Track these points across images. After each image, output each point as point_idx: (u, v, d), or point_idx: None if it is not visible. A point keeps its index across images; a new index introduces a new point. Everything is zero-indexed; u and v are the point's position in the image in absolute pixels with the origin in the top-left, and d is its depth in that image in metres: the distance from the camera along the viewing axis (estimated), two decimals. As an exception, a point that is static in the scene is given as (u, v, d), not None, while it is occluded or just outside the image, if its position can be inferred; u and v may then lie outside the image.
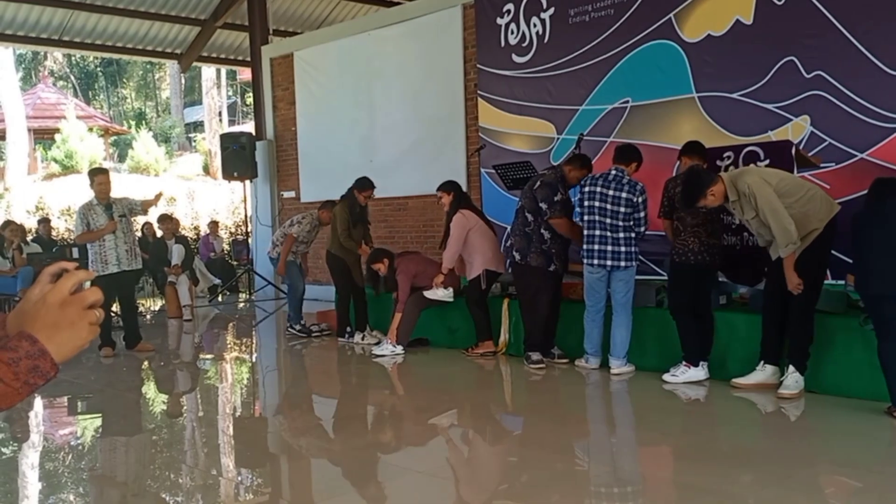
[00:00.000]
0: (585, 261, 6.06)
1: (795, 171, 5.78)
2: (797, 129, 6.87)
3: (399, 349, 7.15)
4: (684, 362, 5.63)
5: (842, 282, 5.28)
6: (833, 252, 6.21)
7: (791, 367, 5.07)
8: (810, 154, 6.27)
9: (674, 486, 3.80)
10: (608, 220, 5.95)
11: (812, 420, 4.73)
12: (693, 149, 5.92)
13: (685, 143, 6.07)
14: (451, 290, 7.10)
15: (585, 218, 6.05)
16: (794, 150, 5.77)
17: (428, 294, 7.10)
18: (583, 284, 6.21)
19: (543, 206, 6.32)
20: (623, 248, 5.93)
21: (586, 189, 6.07)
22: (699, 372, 5.60)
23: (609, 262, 5.94)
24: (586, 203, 6.04)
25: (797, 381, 5.05)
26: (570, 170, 6.46)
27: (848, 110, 6.62)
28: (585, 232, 6.05)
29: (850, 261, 5.09)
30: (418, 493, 3.80)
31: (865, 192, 6.32)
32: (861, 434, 4.37)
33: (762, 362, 5.28)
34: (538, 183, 6.45)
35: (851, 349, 5.05)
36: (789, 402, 5.01)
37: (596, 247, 5.97)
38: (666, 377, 5.64)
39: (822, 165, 6.42)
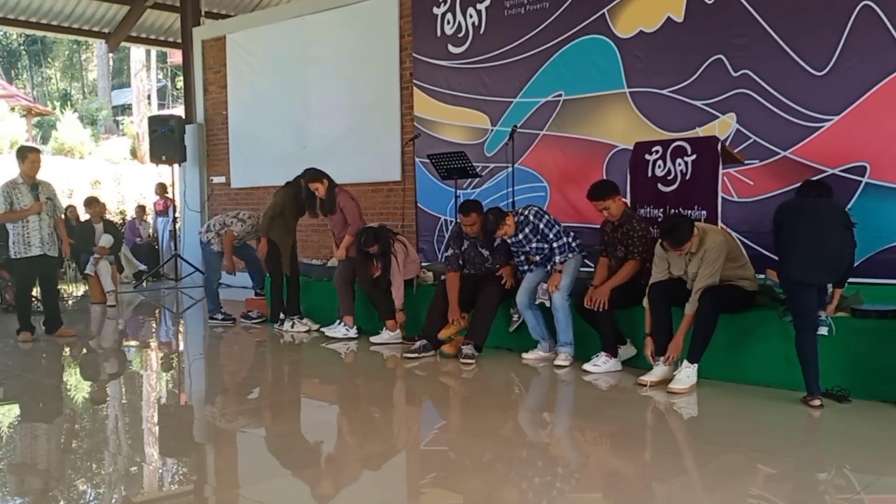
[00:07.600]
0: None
1: (721, 166, 5.93)
2: (724, 126, 7.06)
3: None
4: (604, 353, 5.75)
5: (762, 276, 5.43)
6: (755, 246, 6.41)
7: (685, 363, 5.13)
8: (736, 151, 6.44)
9: (600, 472, 3.87)
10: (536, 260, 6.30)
11: (731, 408, 4.86)
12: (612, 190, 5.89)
13: (603, 184, 6.03)
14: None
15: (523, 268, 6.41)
16: (720, 147, 5.92)
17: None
18: None
19: (449, 252, 6.68)
20: (558, 257, 6.14)
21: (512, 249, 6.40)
22: (618, 363, 5.78)
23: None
24: (515, 260, 6.43)
25: (689, 375, 5.11)
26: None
27: (773, 109, 6.82)
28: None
29: (774, 257, 5.21)
30: (346, 479, 3.80)
31: (787, 188, 6.54)
32: (778, 422, 4.52)
33: (660, 360, 5.33)
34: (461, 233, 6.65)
35: (770, 340, 5.20)
36: (679, 396, 5.04)
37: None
38: (587, 366, 5.74)
39: (746, 162, 6.61)
